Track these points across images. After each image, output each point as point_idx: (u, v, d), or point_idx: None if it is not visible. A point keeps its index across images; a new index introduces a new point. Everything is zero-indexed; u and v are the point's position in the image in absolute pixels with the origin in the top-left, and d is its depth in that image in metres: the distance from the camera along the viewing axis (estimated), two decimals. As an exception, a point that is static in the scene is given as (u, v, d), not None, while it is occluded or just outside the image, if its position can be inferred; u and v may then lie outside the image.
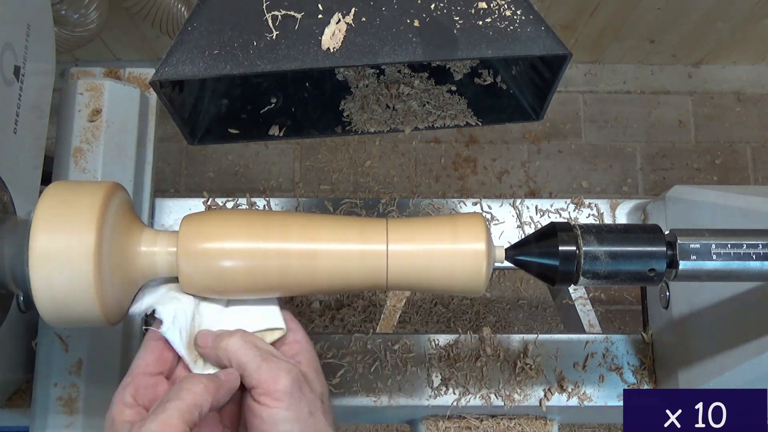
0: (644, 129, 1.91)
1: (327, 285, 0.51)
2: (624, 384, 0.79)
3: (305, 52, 0.49)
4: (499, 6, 0.51)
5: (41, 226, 0.46)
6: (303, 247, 0.50)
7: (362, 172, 1.81)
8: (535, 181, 1.85)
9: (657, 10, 1.68)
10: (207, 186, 1.78)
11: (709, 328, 0.70)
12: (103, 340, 0.73)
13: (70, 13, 1.31)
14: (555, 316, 1.68)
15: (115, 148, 0.77)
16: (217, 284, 0.50)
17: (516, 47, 0.50)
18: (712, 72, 1.96)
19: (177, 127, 0.57)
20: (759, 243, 0.51)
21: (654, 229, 0.52)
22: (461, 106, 0.64)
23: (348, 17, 0.50)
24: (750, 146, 1.92)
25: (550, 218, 0.85)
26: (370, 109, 0.63)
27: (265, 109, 0.64)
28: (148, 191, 0.81)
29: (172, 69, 0.49)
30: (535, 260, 0.52)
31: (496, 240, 0.83)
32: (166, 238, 0.50)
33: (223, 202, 0.85)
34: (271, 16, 0.50)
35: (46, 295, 0.46)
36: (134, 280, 0.51)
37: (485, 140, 1.86)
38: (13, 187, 0.61)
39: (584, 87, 1.94)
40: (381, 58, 0.49)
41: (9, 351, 0.73)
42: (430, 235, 0.50)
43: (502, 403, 0.77)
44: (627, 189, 1.86)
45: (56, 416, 0.70)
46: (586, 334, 0.83)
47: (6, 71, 0.62)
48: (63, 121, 0.78)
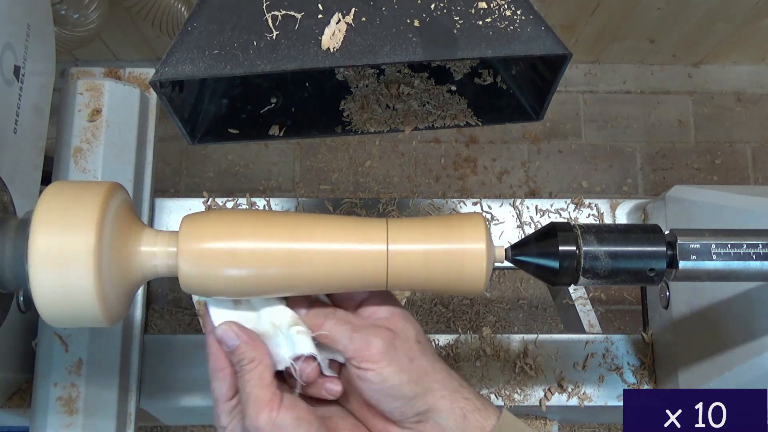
0: (644, 129, 1.91)
1: (327, 285, 0.51)
2: (624, 384, 0.79)
3: (305, 52, 0.49)
4: (499, 6, 0.51)
5: (41, 226, 0.46)
6: (303, 247, 0.50)
7: (362, 172, 1.81)
8: (535, 181, 1.85)
9: (657, 10, 1.68)
10: (207, 186, 1.78)
11: (709, 328, 0.70)
12: (103, 340, 0.73)
13: (70, 13, 1.31)
14: (555, 316, 1.68)
15: (115, 148, 0.77)
16: (217, 284, 0.50)
17: (516, 47, 0.50)
18: (712, 72, 1.96)
19: (177, 127, 0.57)
20: (759, 243, 0.51)
21: (654, 229, 0.52)
22: (461, 106, 0.64)
23: (348, 17, 0.50)
24: (750, 146, 1.92)
25: (550, 218, 0.85)
26: (370, 109, 0.63)
27: (265, 109, 0.64)
28: (148, 191, 0.81)
29: (172, 69, 0.49)
30: (535, 260, 0.52)
31: (496, 240, 0.83)
32: (166, 238, 0.50)
33: (223, 202, 0.85)
34: (271, 16, 0.50)
35: (46, 294, 0.46)
36: (134, 280, 0.51)
37: (485, 140, 1.86)
38: (13, 187, 0.61)
39: (584, 87, 1.94)
40: (381, 58, 0.49)
41: (9, 351, 0.73)
42: (430, 235, 0.50)
43: (502, 403, 0.77)
44: (627, 189, 1.86)
45: (56, 416, 0.70)
46: (586, 334, 0.83)
47: (6, 71, 0.62)
48: (63, 121, 0.78)
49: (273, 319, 0.52)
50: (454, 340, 0.80)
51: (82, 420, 0.70)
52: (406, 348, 0.51)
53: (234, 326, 0.51)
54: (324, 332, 0.51)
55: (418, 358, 0.51)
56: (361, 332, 0.51)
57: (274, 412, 0.48)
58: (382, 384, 0.50)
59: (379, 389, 0.50)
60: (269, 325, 0.52)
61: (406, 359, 0.50)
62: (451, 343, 0.80)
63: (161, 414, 0.81)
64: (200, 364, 0.78)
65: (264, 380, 0.49)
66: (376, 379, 0.50)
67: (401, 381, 0.50)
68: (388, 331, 0.51)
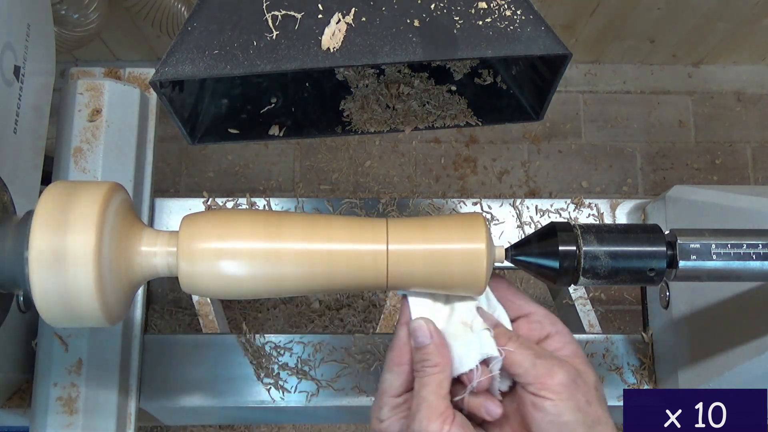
0: (644, 129, 1.91)
1: (327, 285, 0.51)
2: (624, 384, 0.79)
3: (305, 52, 0.49)
4: (499, 6, 0.51)
5: (41, 226, 0.46)
6: (303, 247, 0.50)
7: (362, 172, 1.81)
8: (535, 181, 1.85)
9: (657, 10, 1.68)
10: (207, 186, 1.78)
11: (709, 328, 0.70)
12: (103, 340, 0.73)
13: (70, 13, 1.31)
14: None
15: (115, 148, 0.77)
16: (217, 285, 0.50)
17: (516, 47, 0.50)
18: (712, 72, 1.96)
19: (177, 127, 0.57)
20: (759, 243, 0.51)
21: (654, 229, 0.52)
22: (461, 106, 0.64)
23: (348, 17, 0.50)
24: (750, 146, 1.92)
25: (550, 218, 0.85)
26: (370, 109, 0.63)
27: (265, 109, 0.64)
28: (148, 191, 0.81)
29: (172, 69, 0.49)
30: (535, 260, 0.52)
31: (496, 240, 0.83)
32: (166, 238, 0.50)
33: (223, 202, 0.85)
34: (271, 16, 0.50)
35: (46, 294, 0.46)
36: (134, 280, 0.51)
37: (485, 140, 1.86)
38: (13, 187, 0.61)
39: (584, 87, 1.94)
40: (381, 58, 0.49)
41: (9, 351, 0.73)
42: (430, 235, 0.50)
43: (502, 403, 0.77)
44: (627, 189, 1.86)
45: (56, 416, 0.70)
46: (586, 334, 0.83)
47: (6, 71, 0.62)
48: (63, 121, 0.78)
49: (465, 317, 0.52)
50: (454, 340, 0.80)
51: (82, 420, 0.70)
52: (585, 390, 0.50)
53: (431, 325, 0.51)
54: (510, 349, 0.50)
55: (594, 404, 0.50)
56: (546, 360, 0.50)
57: (447, 426, 0.47)
58: (556, 417, 0.48)
59: (552, 422, 0.49)
60: (459, 324, 0.52)
61: (584, 400, 0.49)
62: (451, 343, 0.80)
63: (161, 414, 0.81)
64: (200, 364, 0.78)
65: (442, 389, 0.49)
66: (553, 410, 0.48)
67: (576, 420, 0.48)
68: (571, 366, 0.50)
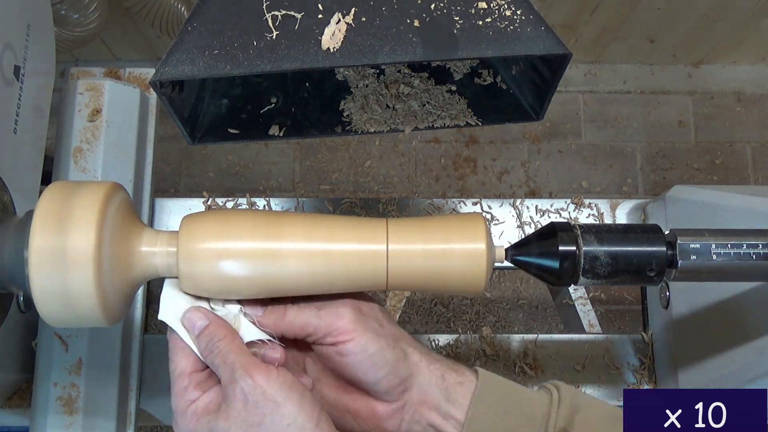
0: (644, 129, 1.91)
1: (327, 285, 0.51)
2: (624, 384, 0.80)
3: (305, 52, 0.49)
4: (499, 6, 0.51)
5: (41, 226, 0.46)
6: (303, 247, 0.50)
7: (362, 172, 1.81)
8: (535, 181, 1.85)
9: (657, 10, 1.68)
10: (207, 186, 1.78)
11: (709, 328, 0.70)
12: (103, 340, 0.73)
13: (70, 13, 1.31)
14: (555, 316, 1.68)
15: (115, 148, 0.77)
16: (217, 284, 0.50)
17: (516, 47, 0.50)
18: (712, 72, 1.96)
19: (177, 127, 0.57)
20: (759, 243, 0.51)
21: (654, 229, 0.52)
22: (461, 106, 0.64)
23: (348, 17, 0.50)
24: (750, 146, 1.92)
25: (550, 218, 0.85)
26: (370, 109, 0.63)
27: (265, 109, 0.64)
28: (148, 191, 0.81)
29: (172, 69, 0.49)
30: (535, 260, 0.52)
31: (496, 240, 0.83)
32: (166, 238, 0.50)
33: (223, 202, 0.85)
34: (271, 16, 0.50)
35: (46, 295, 0.46)
36: (134, 280, 0.51)
37: (485, 140, 1.86)
38: (13, 187, 0.61)
39: (584, 87, 1.94)
40: (381, 58, 0.49)
41: (9, 351, 0.73)
42: (430, 235, 0.50)
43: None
44: (627, 189, 1.86)
45: (56, 416, 0.70)
46: (586, 334, 0.83)
47: (6, 71, 0.62)
48: (63, 121, 0.78)
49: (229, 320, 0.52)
50: (454, 340, 0.80)
51: (82, 420, 0.70)
52: (373, 315, 0.52)
53: (202, 309, 0.51)
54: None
55: (386, 325, 0.52)
56: (328, 308, 0.51)
57: (273, 371, 0.47)
58: (363, 353, 0.49)
59: (362, 360, 0.49)
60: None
61: (376, 325, 0.51)
62: (451, 343, 0.80)
63: (161, 414, 0.81)
64: (200, 364, 0.78)
65: (245, 349, 0.49)
66: (356, 348, 0.49)
67: (381, 345, 0.50)
68: (350, 301, 0.52)
